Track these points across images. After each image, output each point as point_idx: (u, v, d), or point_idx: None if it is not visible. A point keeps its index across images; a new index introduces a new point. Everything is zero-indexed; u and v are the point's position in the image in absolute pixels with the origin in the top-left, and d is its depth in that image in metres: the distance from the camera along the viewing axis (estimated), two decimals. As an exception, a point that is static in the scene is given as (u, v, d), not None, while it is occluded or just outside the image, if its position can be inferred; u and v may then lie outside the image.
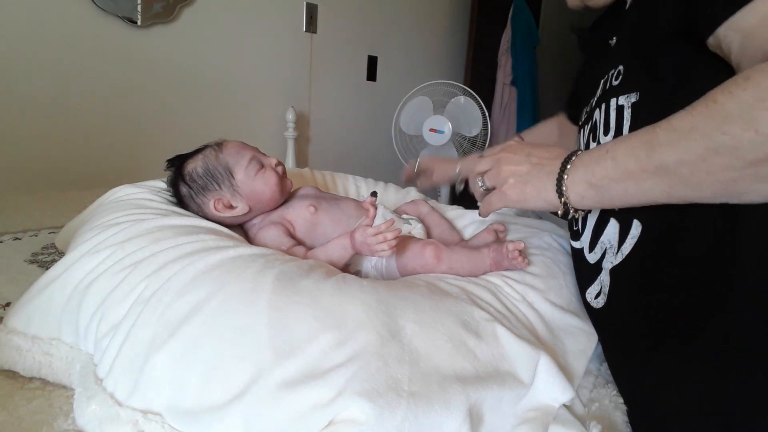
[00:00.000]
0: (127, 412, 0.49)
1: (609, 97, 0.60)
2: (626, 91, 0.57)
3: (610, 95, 0.60)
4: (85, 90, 1.59)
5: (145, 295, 0.56)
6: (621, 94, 0.58)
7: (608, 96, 0.60)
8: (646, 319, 0.55)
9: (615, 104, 0.58)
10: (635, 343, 0.56)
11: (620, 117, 0.57)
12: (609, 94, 0.60)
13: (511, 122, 2.97)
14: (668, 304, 0.52)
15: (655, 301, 0.53)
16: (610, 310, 0.61)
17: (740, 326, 0.45)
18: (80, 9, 1.54)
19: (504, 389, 0.51)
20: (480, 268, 0.74)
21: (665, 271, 0.52)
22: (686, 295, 0.50)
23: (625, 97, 0.57)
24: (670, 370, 0.51)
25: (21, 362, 0.58)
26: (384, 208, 0.80)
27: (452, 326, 0.54)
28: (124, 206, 0.76)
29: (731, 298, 0.46)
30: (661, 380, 0.52)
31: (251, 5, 1.98)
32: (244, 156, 0.80)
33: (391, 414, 0.44)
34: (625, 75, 0.59)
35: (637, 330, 0.56)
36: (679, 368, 0.50)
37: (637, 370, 0.56)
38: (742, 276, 0.46)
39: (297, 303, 0.53)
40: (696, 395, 0.48)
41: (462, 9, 2.90)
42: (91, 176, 1.61)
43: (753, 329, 0.45)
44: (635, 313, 0.56)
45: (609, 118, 0.59)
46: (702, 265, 0.49)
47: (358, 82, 2.50)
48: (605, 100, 0.61)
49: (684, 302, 0.50)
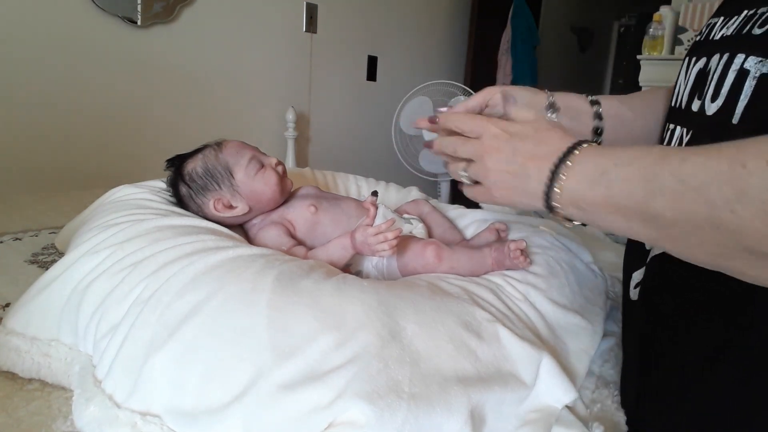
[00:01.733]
0: (126, 414, 0.48)
1: (738, 48, 0.44)
2: (765, 52, 0.42)
3: (741, 46, 0.44)
4: (85, 90, 1.59)
5: (144, 295, 0.56)
6: (755, 52, 0.42)
7: (739, 45, 0.45)
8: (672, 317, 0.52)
9: (740, 64, 0.43)
10: (656, 344, 0.54)
11: (739, 85, 0.43)
12: (740, 44, 0.45)
13: (512, 122, 2.96)
14: (691, 305, 0.49)
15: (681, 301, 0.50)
16: (642, 303, 0.56)
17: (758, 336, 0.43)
18: (80, 9, 1.53)
19: (506, 390, 0.50)
20: (481, 267, 0.73)
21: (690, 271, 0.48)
22: (707, 297, 0.47)
23: (758, 61, 0.42)
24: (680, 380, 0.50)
25: (20, 363, 0.58)
26: (385, 207, 0.80)
27: (453, 327, 0.54)
28: (123, 206, 0.76)
29: (750, 310, 0.44)
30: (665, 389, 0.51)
31: (251, 5, 1.98)
32: (244, 156, 0.80)
33: (392, 416, 0.43)
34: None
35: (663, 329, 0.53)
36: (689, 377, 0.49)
37: (645, 380, 0.55)
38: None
39: (297, 303, 0.52)
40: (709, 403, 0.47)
41: (462, 9, 2.89)
42: (91, 176, 1.60)
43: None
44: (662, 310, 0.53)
45: (724, 79, 0.45)
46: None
47: (358, 82, 2.50)
48: (733, 49, 0.45)
49: (704, 304, 0.48)
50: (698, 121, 0.50)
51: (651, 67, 2.14)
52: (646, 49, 2.14)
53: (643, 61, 2.16)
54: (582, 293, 0.73)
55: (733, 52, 0.45)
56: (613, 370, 0.65)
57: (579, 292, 0.72)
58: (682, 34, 2.03)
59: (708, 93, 0.48)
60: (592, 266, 0.83)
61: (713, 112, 0.47)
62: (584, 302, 0.71)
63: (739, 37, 0.46)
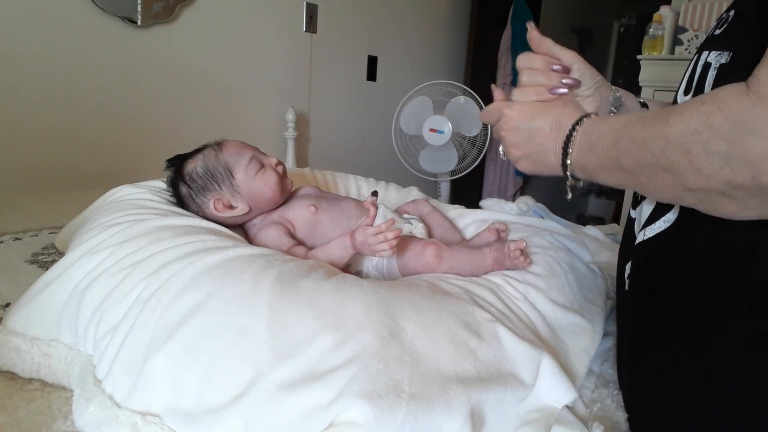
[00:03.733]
0: (126, 414, 0.48)
1: (705, 48, 0.52)
2: (721, 46, 0.49)
3: (707, 45, 0.52)
4: (84, 90, 1.59)
5: (144, 295, 0.56)
6: (715, 48, 0.50)
7: (706, 46, 0.52)
8: (658, 311, 0.53)
9: (704, 59, 0.51)
10: (645, 336, 0.54)
11: (703, 77, 0.50)
12: (707, 45, 0.52)
13: (512, 122, 2.96)
14: (679, 299, 0.50)
15: (669, 295, 0.51)
16: (632, 295, 0.58)
17: (752, 332, 0.44)
18: (80, 9, 1.53)
19: (506, 390, 0.50)
20: (481, 267, 0.73)
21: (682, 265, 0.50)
22: (700, 295, 0.48)
23: (717, 54, 0.49)
24: (671, 371, 0.50)
25: (20, 363, 0.58)
26: (385, 207, 0.80)
27: (453, 327, 0.54)
28: (123, 206, 0.76)
29: (745, 301, 0.44)
30: (662, 381, 0.51)
31: (251, 5, 1.98)
32: (244, 156, 0.80)
33: (392, 416, 0.43)
34: (729, 24, 0.50)
35: (651, 321, 0.54)
36: (682, 369, 0.49)
37: (637, 370, 0.55)
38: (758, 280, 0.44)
39: (297, 303, 0.52)
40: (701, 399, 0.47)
41: (462, 9, 2.89)
42: (91, 176, 1.60)
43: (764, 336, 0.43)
44: (650, 303, 0.54)
45: (694, 74, 0.52)
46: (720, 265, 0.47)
47: (358, 82, 2.50)
48: (701, 50, 0.53)
49: (695, 300, 0.48)
50: None
51: (651, 67, 2.14)
52: (646, 49, 2.13)
53: (643, 61, 2.16)
54: (582, 293, 0.73)
55: (701, 50, 0.53)
56: (613, 370, 0.65)
57: (579, 292, 0.72)
58: (682, 34, 2.03)
59: (682, 87, 0.56)
60: (592, 266, 0.83)
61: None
62: (584, 302, 0.71)
63: (707, 39, 0.55)
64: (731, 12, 0.51)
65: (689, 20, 2.01)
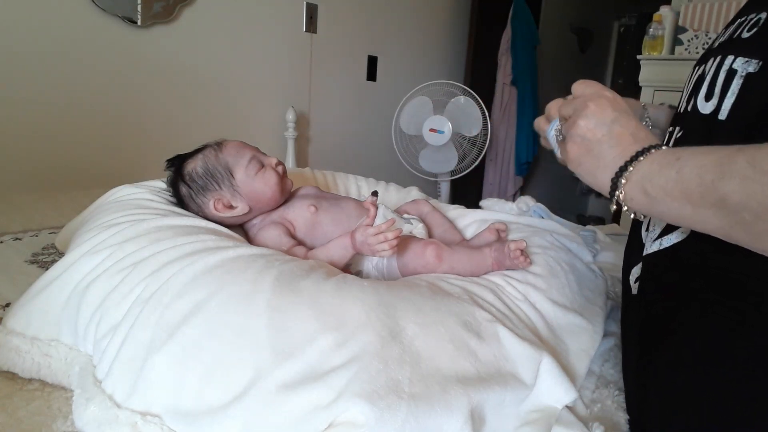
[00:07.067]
0: (126, 414, 0.48)
1: (728, 51, 0.48)
2: (750, 52, 0.45)
3: (731, 49, 0.48)
4: (84, 90, 1.59)
5: (144, 295, 0.56)
6: (742, 53, 0.46)
7: (729, 48, 0.48)
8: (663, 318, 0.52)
9: (729, 65, 0.47)
10: (654, 339, 0.54)
11: (727, 85, 0.46)
12: (731, 47, 0.48)
13: (511, 122, 2.97)
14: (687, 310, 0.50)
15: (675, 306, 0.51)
16: (641, 301, 0.57)
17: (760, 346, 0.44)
18: (80, 9, 1.53)
19: (506, 390, 0.50)
20: (482, 267, 0.73)
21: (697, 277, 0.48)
22: (715, 306, 0.47)
23: (744, 61, 0.45)
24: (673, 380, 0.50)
25: (20, 363, 0.58)
26: (385, 207, 0.80)
27: (454, 327, 0.54)
28: (123, 206, 0.76)
29: (752, 317, 0.44)
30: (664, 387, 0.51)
31: (251, 5, 1.97)
32: (244, 156, 0.80)
33: (392, 416, 0.43)
34: (761, 29, 0.46)
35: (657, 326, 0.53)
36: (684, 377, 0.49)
37: (644, 372, 0.55)
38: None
39: (297, 304, 0.52)
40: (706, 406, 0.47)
41: (462, 9, 2.89)
42: (91, 176, 1.60)
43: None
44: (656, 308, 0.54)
45: (716, 79, 0.48)
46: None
47: (358, 82, 2.49)
48: (724, 52, 0.48)
49: (710, 312, 0.48)
50: (691, 119, 0.52)
51: (651, 67, 2.14)
52: (646, 49, 2.13)
53: (643, 61, 2.15)
54: (582, 293, 0.73)
55: (725, 54, 0.48)
56: (613, 370, 0.65)
57: (579, 292, 0.72)
58: (682, 34, 2.02)
59: (701, 93, 0.50)
60: (592, 266, 0.83)
61: (709, 111, 0.49)
62: (584, 302, 0.71)
63: (731, 41, 0.49)
64: (762, 15, 0.46)
65: (689, 20, 2.01)
